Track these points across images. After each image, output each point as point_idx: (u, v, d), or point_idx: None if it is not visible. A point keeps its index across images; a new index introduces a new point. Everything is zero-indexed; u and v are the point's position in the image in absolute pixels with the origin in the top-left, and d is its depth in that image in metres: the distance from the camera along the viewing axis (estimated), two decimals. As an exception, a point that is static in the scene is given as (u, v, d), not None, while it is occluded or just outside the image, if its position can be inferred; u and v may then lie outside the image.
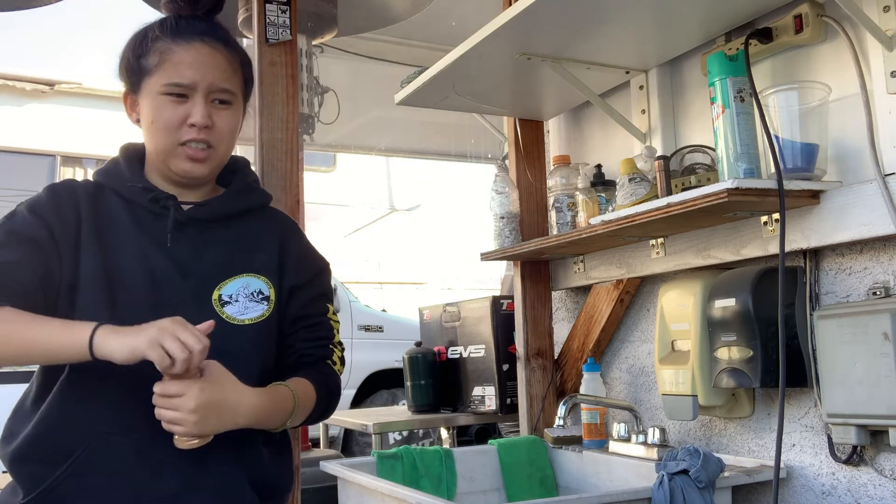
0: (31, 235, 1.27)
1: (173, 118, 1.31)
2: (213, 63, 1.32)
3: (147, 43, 1.33)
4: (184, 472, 1.26)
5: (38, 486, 1.23)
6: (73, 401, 1.26)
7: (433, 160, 6.21)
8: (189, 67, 1.30)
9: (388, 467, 1.96)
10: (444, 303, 3.21)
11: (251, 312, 1.34)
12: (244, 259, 1.38)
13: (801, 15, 1.60)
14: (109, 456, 1.24)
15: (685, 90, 1.97)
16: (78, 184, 1.37)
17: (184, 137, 1.31)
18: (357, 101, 4.18)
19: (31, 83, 6.88)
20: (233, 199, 1.41)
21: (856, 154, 1.51)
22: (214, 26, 1.37)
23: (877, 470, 1.52)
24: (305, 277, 1.43)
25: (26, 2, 2.99)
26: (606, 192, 2.03)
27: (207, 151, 1.33)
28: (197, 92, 1.31)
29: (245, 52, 1.42)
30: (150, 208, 1.34)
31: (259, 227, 1.43)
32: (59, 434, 1.25)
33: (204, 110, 1.31)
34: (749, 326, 1.61)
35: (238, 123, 1.39)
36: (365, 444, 5.97)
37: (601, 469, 1.99)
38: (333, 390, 1.41)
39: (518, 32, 1.78)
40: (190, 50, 1.31)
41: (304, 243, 1.49)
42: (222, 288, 1.33)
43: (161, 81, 1.31)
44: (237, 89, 1.37)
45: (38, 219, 1.29)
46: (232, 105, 1.36)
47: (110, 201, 1.34)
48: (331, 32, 3.22)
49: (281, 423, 1.31)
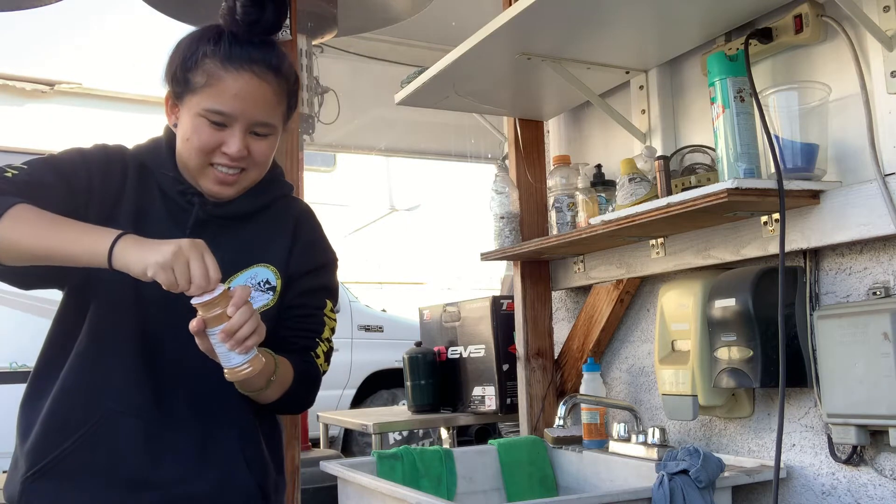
0: (68, 174, 1.27)
1: (209, 142, 1.28)
2: (258, 96, 1.28)
3: (197, 58, 1.28)
4: (188, 457, 1.28)
5: (44, 458, 1.24)
6: (85, 376, 1.27)
7: (433, 160, 6.21)
8: (234, 98, 1.26)
9: (388, 467, 1.96)
10: (444, 303, 3.21)
11: (257, 302, 1.34)
12: (259, 250, 1.38)
13: (801, 15, 1.60)
14: (117, 435, 1.26)
15: (685, 90, 1.97)
16: (129, 154, 1.36)
17: (216, 161, 1.30)
18: (357, 101, 4.18)
19: (31, 83, 6.89)
20: (254, 196, 1.40)
21: (856, 154, 1.51)
22: (269, 53, 1.30)
23: (877, 470, 1.52)
24: (308, 266, 1.42)
25: (26, 2, 2.99)
26: (606, 192, 2.04)
27: (238, 176, 1.31)
28: (237, 122, 1.28)
29: (296, 76, 1.37)
30: (176, 200, 1.34)
31: (276, 217, 1.42)
32: (70, 409, 1.26)
33: (241, 143, 1.28)
34: (749, 326, 1.61)
35: (275, 147, 1.36)
36: (365, 444, 5.97)
37: (601, 469, 1.99)
38: (312, 379, 1.39)
39: (518, 32, 1.78)
40: (238, 80, 1.26)
41: (317, 233, 1.47)
42: (233, 280, 1.33)
43: (203, 104, 1.27)
44: (278, 120, 1.34)
45: (84, 166, 1.29)
46: (271, 135, 1.33)
47: (150, 184, 1.34)
48: (331, 32, 3.23)
49: (262, 381, 1.28)
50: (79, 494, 1.25)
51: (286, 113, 1.37)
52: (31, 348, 1.35)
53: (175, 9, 2.96)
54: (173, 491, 1.27)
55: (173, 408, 1.28)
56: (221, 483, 1.30)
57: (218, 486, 1.30)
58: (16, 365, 5.03)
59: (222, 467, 1.31)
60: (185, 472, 1.28)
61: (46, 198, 1.22)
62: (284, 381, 1.33)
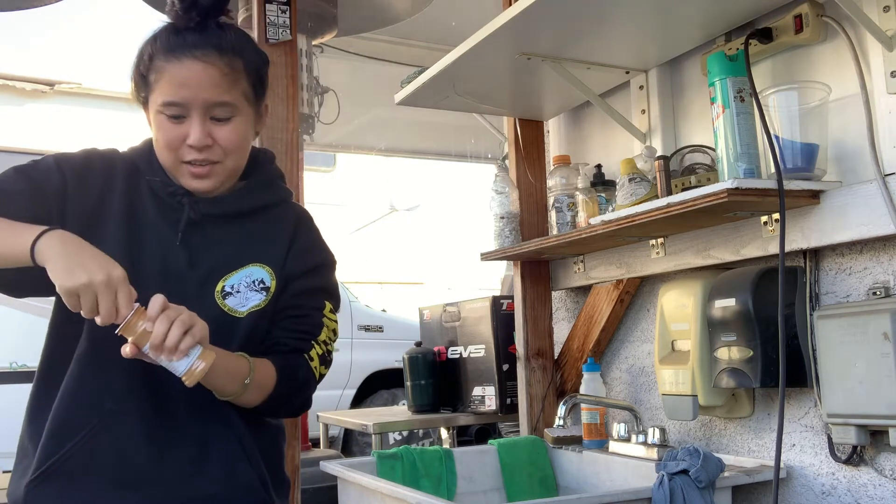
0: (39, 180, 1.27)
1: (173, 138, 1.29)
2: (204, 78, 1.27)
3: (147, 58, 1.30)
4: (191, 455, 1.28)
5: (47, 461, 1.24)
6: (86, 379, 1.27)
7: (433, 160, 6.22)
8: (180, 87, 1.26)
9: (388, 467, 1.96)
10: (444, 303, 3.21)
11: (249, 302, 1.34)
12: (253, 251, 1.37)
13: (801, 15, 1.60)
14: (119, 435, 1.26)
15: (685, 90, 1.97)
16: (118, 157, 1.36)
17: (185, 157, 1.30)
18: (357, 101, 4.18)
19: (31, 83, 6.89)
20: (248, 195, 1.39)
21: (856, 154, 1.51)
22: (209, 35, 1.30)
23: (877, 470, 1.52)
24: (304, 267, 1.40)
25: (26, 2, 2.99)
26: (606, 192, 2.04)
27: (211, 167, 1.31)
28: (192, 110, 1.27)
29: (251, 53, 1.35)
30: (167, 200, 1.34)
31: (273, 219, 1.42)
32: (72, 412, 1.26)
33: (201, 131, 1.27)
34: (749, 326, 1.61)
35: (245, 133, 1.34)
36: (365, 444, 5.96)
37: (601, 469, 1.99)
38: (302, 381, 1.36)
39: (518, 32, 1.78)
40: (181, 68, 1.26)
41: (314, 235, 1.46)
42: (227, 280, 1.33)
43: (158, 101, 1.28)
44: (238, 99, 1.31)
45: (59, 171, 1.29)
46: (235, 117, 1.31)
47: (142, 186, 1.34)
48: (331, 32, 3.23)
49: (234, 385, 1.27)
50: (81, 495, 1.25)
51: (249, 92, 1.34)
52: (31, 348, 1.35)
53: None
54: (177, 489, 1.27)
55: (172, 408, 1.28)
56: (226, 481, 1.30)
57: (223, 484, 1.30)
58: (16, 365, 5.03)
59: (225, 466, 1.31)
60: (189, 471, 1.28)
61: (8, 206, 1.22)
62: (263, 383, 1.31)
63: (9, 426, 1.42)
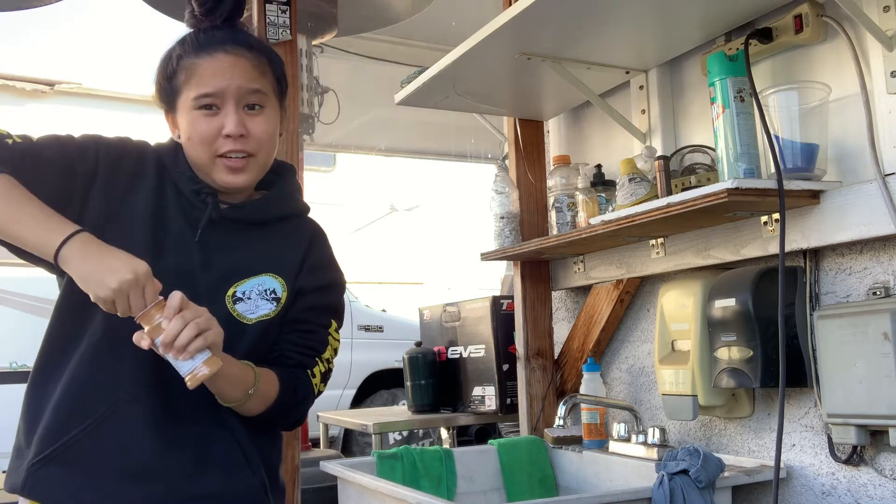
0: (74, 158, 1.28)
1: (208, 131, 1.30)
2: (236, 67, 1.31)
3: (173, 63, 1.33)
4: (192, 453, 1.28)
5: (52, 444, 1.24)
6: (98, 366, 1.27)
7: (433, 160, 6.21)
8: (214, 77, 1.30)
9: (388, 467, 1.96)
10: (444, 303, 3.21)
11: (260, 311, 1.35)
12: (268, 260, 1.38)
13: (801, 15, 1.60)
14: (126, 424, 1.26)
15: (685, 90, 1.97)
16: (150, 150, 1.37)
17: (221, 149, 1.31)
18: (357, 101, 4.18)
19: (31, 83, 6.88)
20: (269, 205, 1.41)
21: (856, 154, 1.51)
22: (235, 33, 1.35)
23: (877, 470, 1.52)
24: (316, 283, 1.42)
25: (26, 2, 3.00)
26: (606, 192, 2.04)
27: (246, 160, 1.33)
28: (227, 100, 1.30)
29: (273, 51, 1.41)
30: (190, 199, 1.35)
31: (289, 232, 1.43)
32: (81, 398, 1.26)
33: (236, 119, 1.30)
34: (749, 326, 1.61)
35: (275, 128, 1.38)
36: (365, 444, 5.96)
37: (601, 469, 1.99)
38: (301, 396, 1.38)
39: (518, 32, 1.78)
40: (213, 60, 1.30)
41: (327, 253, 1.48)
42: (239, 285, 1.34)
43: (191, 96, 1.31)
44: (268, 89, 1.36)
45: (95, 155, 1.30)
46: (265, 108, 1.35)
47: (167, 182, 1.35)
48: (331, 32, 3.23)
49: (238, 393, 1.28)
50: (84, 481, 1.25)
51: (276, 87, 1.38)
52: (31, 348, 1.34)
53: (175, 9, 2.96)
54: (177, 485, 1.27)
55: (177, 402, 1.29)
56: (226, 484, 1.30)
57: (223, 487, 1.30)
58: (16, 365, 5.03)
59: (225, 469, 1.31)
60: (190, 471, 1.28)
61: (38, 174, 1.23)
62: (266, 394, 1.32)
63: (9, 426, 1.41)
